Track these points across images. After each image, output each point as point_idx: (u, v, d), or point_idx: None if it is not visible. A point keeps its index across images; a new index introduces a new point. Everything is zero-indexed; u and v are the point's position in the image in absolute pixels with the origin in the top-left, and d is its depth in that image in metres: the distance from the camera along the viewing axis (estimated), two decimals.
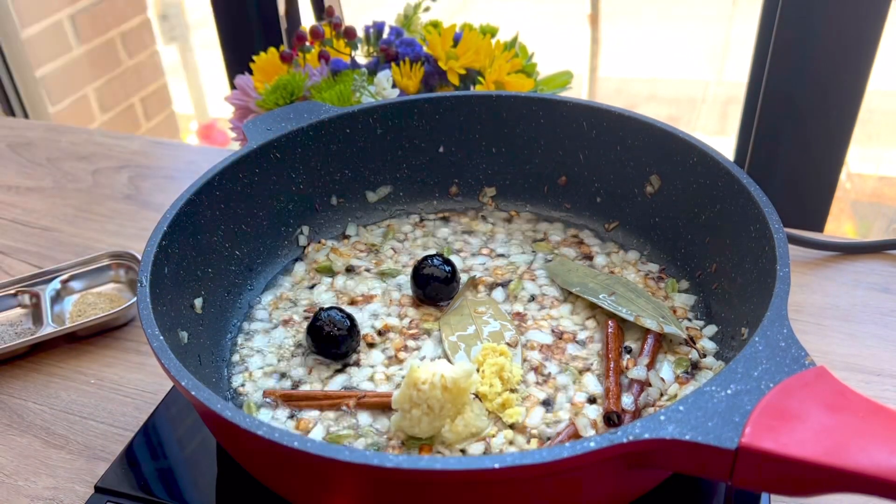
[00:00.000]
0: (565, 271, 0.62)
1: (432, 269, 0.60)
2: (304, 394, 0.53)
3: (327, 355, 0.56)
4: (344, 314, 0.56)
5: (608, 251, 0.65)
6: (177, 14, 2.34)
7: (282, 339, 0.58)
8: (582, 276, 0.61)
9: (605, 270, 0.63)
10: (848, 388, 0.36)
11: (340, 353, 0.55)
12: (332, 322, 0.55)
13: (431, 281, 0.59)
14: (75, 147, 1.00)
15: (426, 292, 0.60)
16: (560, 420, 0.50)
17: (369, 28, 0.80)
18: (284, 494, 0.46)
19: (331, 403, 0.52)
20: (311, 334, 0.55)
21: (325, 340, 0.55)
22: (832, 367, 0.51)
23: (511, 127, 0.67)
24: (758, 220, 0.51)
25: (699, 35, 2.52)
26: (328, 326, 0.55)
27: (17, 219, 0.86)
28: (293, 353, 0.57)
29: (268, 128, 0.64)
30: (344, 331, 0.55)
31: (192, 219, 0.57)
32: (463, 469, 0.35)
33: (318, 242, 0.68)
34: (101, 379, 0.64)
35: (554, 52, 2.22)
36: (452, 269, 0.60)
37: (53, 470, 0.56)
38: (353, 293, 0.62)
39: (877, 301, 0.67)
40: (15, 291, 0.71)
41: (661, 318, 0.55)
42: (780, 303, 0.43)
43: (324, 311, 0.56)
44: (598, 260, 0.64)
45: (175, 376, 0.42)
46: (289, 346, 0.58)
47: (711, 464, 0.36)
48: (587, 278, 0.61)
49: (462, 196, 0.71)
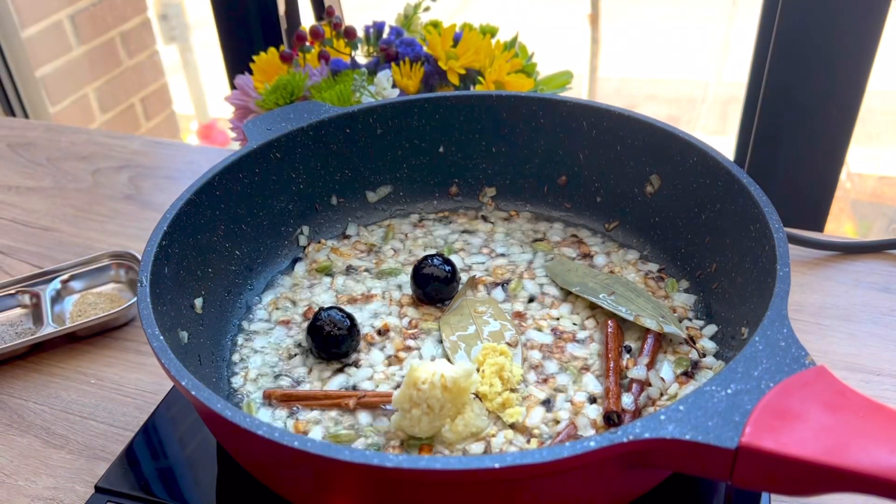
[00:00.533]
0: (565, 271, 0.62)
1: (432, 268, 0.60)
2: (304, 393, 0.53)
3: (328, 355, 0.56)
4: (344, 314, 0.56)
5: (608, 251, 0.65)
6: (177, 14, 2.34)
7: (282, 340, 0.58)
8: (582, 276, 0.61)
9: (605, 270, 0.63)
10: (848, 388, 0.36)
11: (341, 353, 0.55)
12: (333, 322, 0.55)
13: (432, 281, 0.59)
14: (75, 147, 1.00)
15: (426, 292, 0.60)
16: (560, 420, 0.50)
17: (369, 28, 0.80)
18: (284, 494, 0.46)
19: (331, 403, 0.52)
20: (312, 334, 0.55)
21: (325, 340, 0.55)
22: (832, 367, 0.51)
23: (511, 127, 0.67)
24: (758, 220, 0.51)
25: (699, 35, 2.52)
26: (328, 326, 0.55)
27: (17, 219, 0.86)
28: (292, 353, 0.57)
29: (268, 128, 0.64)
30: (344, 330, 0.55)
31: (192, 219, 0.57)
32: (463, 469, 0.35)
33: (318, 242, 0.68)
34: (101, 379, 0.64)
35: (554, 52, 2.22)
36: (452, 269, 0.60)
37: (53, 470, 0.56)
38: (353, 293, 0.62)
39: (877, 301, 0.67)
40: (15, 291, 0.71)
41: (660, 318, 0.55)
42: (780, 302, 0.43)
43: (324, 310, 0.56)
44: (597, 260, 0.64)
45: (175, 376, 0.42)
46: (288, 346, 0.58)
47: (711, 463, 0.36)
48: (587, 278, 0.61)
49: (462, 196, 0.71)
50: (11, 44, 1.52)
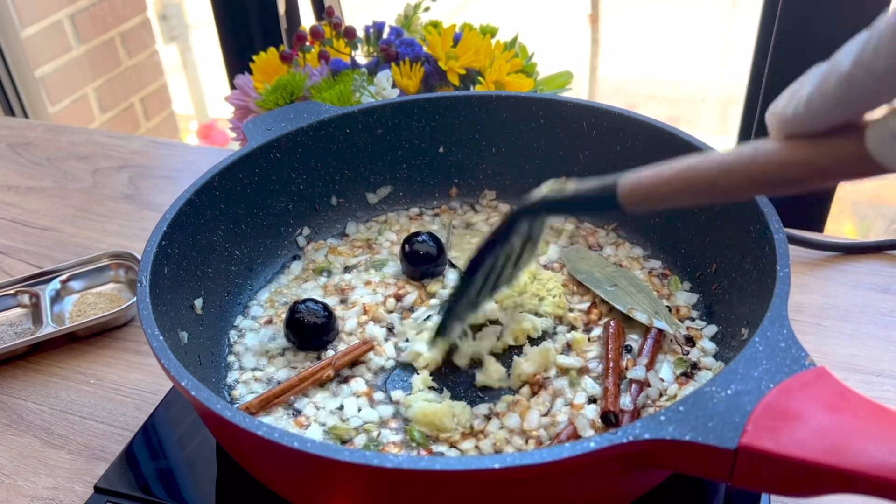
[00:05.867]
0: (578, 258, 0.63)
1: (420, 245, 0.62)
2: (280, 389, 0.53)
3: (309, 346, 0.57)
4: (321, 304, 0.57)
5: (615, 242, 0.66)
6: (177, 14, 2.34)
7: (269, 337, 0.59)
8: (591, 266, 0.62)
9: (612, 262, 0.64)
10: (848, 389, 0.36)
11: (322, 343, 0.57)
12: (311, 312, 0.56)
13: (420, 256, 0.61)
14: (75, 147, 1.00)
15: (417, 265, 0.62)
16: (559, 421, 0.50)
17: (369, 28, 0.80)
18: (284, 494, 0.46)
19: (310, 383, 0.53)
20: (291, 327, 0.56)
21: (305, 331, 0.56)
22: (832, 368, 0.51)
23: (511, 127, 0.67)
24: (758, 220, 0.51)
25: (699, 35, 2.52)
26: (307, 317, 0.56)
27: (17, 219, 0.86)
28: (279, 350, 0.58)
29: (268, 128, 0.64)
30: (322, 319, 0.56)
31: (192, 219, 0.57)
32: (463, 469, 0.35)
33: (316, 241, 0.68)
34: (100, 379, 0.64)
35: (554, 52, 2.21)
36: (438, 246, 0.62)
37: (53, 470, 0.56)
38: (343, 285, 0.63)
39: (877, 301, 0.67)
40: (15, 291, 0.71)
41: (654, 314, 0.55)
42: (780, 303, 0.43)
43: (300, 303, 0.57)
44: (605, 251, 0.65)
45: (175, 376, 0.42)
46: (271, 342, 0.58)
47: (711, 464, 0.36)
48: (596, 268, 0.61)
49: (462, 198, 0.71)
50: (11, 43, 1.52)
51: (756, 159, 0.32)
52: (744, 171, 0.33)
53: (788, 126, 0.31)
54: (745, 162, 0.33)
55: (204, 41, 2.33)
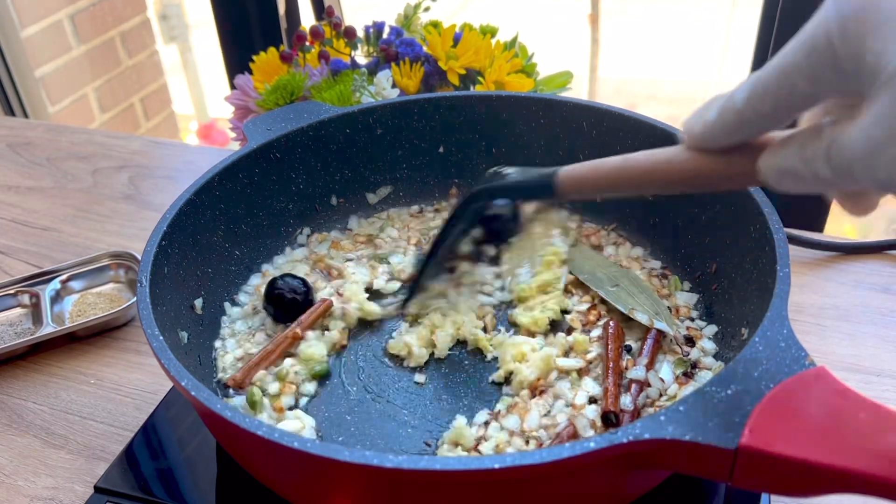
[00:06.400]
0: (582, 258, 0.63)
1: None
2: (257, 359, 0.55)
3: (289, 320, 0.58)
4: (299, 279, 0.59)
5: (615, 241, 0.65)
6: (177, 14, 2.34)
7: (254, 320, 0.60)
8: (594, 266, 0.62)
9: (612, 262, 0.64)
10: (848, 389, 0.36)
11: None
12: (290, 288, 0.58)
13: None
14: (75, 147, 1.00)
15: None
16: (559, 422, 0.50)
17: (369, 28, 0.80)
18: (284, 494, 0.46)
19: (284, 348, 0.55)
20: (271, 301, 0.58)
21: (284, 305, 0.58)
22: (832, 368, 0.51)
23: (511, 127, 0.67)
24: (758, 220, 0.51)
25: (699, 35, 2.52)
26: (286, 292, 0.58)
27: (17, 219, 0.86)
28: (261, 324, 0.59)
29: (268, 128, 0.64)
30: (300, 294, 0.58)
31: (192, 219, 0.57)
32: (463, 469, 0.35)
33: (320, 233, 0.68)
34: (100, 379, 0.64)
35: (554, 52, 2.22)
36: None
37: (53, 470, 0.56)
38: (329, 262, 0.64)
39: (877, 301, 0.67)
40: (15, 291, 0.71)
41: (654, 314, 0.55)
42: (781, 303, 0.43)
43: (278, 279, 0.58)
44: (606, 251, 0.65)
45: (175, 376, 0.42)
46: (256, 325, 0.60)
47: (711, 464, 0.36)
48: (598, 268, 0.61)
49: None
50: (11, 43, 1.52)
51: (672, 165, 0.37)
52: (662, 174, 0.38)
53: (695, 142, 0.36)
54: (662, 166, 0.38)
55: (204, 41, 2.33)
